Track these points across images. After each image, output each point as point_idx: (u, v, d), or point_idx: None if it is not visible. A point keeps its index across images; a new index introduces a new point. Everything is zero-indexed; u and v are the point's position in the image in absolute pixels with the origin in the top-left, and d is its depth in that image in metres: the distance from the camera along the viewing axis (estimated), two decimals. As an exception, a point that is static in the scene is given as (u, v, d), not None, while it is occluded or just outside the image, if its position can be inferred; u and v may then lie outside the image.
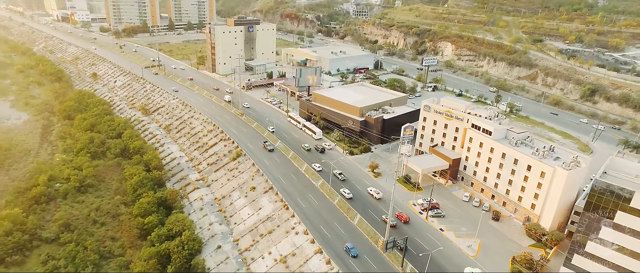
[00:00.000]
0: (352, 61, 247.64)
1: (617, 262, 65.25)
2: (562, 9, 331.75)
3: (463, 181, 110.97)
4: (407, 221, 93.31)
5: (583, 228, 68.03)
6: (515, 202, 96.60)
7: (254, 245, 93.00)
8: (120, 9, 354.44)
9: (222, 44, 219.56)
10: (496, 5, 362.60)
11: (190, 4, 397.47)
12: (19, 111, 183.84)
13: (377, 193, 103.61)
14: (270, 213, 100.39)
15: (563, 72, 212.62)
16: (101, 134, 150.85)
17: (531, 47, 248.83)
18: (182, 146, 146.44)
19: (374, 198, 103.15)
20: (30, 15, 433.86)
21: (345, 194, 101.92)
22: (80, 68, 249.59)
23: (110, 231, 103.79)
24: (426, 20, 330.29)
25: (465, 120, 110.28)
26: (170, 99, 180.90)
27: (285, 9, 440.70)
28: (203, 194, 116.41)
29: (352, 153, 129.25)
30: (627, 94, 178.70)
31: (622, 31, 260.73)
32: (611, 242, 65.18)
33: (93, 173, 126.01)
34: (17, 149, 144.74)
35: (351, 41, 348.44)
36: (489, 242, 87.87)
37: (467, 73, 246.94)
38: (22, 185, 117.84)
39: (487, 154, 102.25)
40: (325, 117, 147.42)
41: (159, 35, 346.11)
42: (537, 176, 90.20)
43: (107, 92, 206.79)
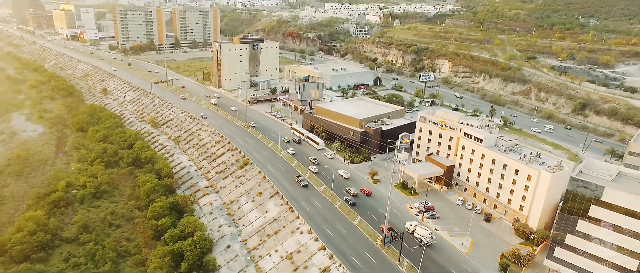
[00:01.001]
0: (352, 78, 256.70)
1: (593, 252, 72.03)
2: (555, 28, 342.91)
3: (457, 187, 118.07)
4: (369, 194, 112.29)
5: (562, 221, 75.03)
6: (505, 204, 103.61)
7: (261, 244, 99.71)
8: (128, 28, 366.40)
9: (228, 60, 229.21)
10: (492, 24, 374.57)
11: (195, 24, 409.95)
12: (33, 123, 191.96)
13: (345, 173, 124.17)
14: (276, 215, 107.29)
15: (555, 87, 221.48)
16: (114, 145, 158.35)
17: (525, 64, 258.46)
18: (191, 156, 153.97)
19: (343, 177, 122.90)
20: (40, 34, 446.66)
21: (312, 170, 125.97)
22: (90, 84, 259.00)
23: (125, 233, 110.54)
24: (424, 38, 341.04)
25: (458, 130, 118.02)
26: (178, 113, 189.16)
27: (287, 28, 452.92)
28: (212, 199, 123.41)
29: (353, 162, 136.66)
30: (616, 108, 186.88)
31: (612, 49, 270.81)
32: (587, 234, 72.08)
33: (107, 181, 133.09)
34: (34, 158, 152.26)
35: (351, 59, 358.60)
36: (480, 240, 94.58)
37: (463, 89, 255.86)
38: (41, 190, 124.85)
39: (479, 160, 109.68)
40: (327, 128, 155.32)
41: (165, 53, 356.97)
42: (524, 179, 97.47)
43: (117, 107, 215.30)
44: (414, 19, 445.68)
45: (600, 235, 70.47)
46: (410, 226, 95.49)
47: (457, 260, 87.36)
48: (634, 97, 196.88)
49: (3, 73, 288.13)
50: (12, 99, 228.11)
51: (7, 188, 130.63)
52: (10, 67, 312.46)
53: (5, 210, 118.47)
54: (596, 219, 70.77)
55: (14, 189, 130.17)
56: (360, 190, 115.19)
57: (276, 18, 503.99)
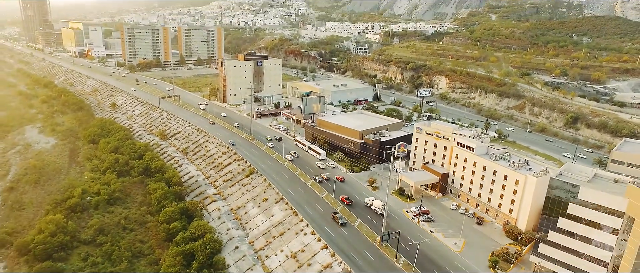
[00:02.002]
0: (352, 94, 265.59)
1: (572, 246, 78.83)
2: (550, 45, 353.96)
3: (451, 193, 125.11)
4: (343, 180, 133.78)
5: (545, 219, 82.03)
6: (495, 208, 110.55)
7: (267, 245, 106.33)
8: (136, 45, 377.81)
9: (233, 76, 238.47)
10: (488, 42, 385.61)
11: (199, 42, 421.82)
12: (46, 136, 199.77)
13: (321, 163, 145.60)
14: (281, 219, 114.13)
15: (548, 102, 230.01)
16: (125, 156, 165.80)
17: (519, 80, 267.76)
18: (199, 166, 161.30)
19: (319, 167, 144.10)
20: (49, 51, 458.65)
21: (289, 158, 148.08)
22: (99, 99, 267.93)
23: (138, 236, 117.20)
24: (422, 56, 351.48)
25: (451, 139, 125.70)
26: (186, 126, 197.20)
27: (289, 46, 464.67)
28: (220, 205, 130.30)
29: (353, 171, 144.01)
30: (605, 121, 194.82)
31: (604, 66, 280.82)
32: (567, 230, 79.01)
33: (120, 188, 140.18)
34: (49, 168, 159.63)
35: (352, 76, 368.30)
36: (473, 241, 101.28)
37: (460, 104, 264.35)
38: (58, 197, 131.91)
39: (471, 168, 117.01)
40: (328, 140, 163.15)
41: (170, 69, 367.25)
42: (513, 184, 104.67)
43: (126, 120, 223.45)
44: (412, 37, 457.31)
45: (578, 230, 77.35)
46: (369, 201, 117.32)
47: (450, 258, 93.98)
48: (623, 111, 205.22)
49: (15, 89, 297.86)
50: (25, 113, 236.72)
51: (25, 194, 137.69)
52: (21, 83, 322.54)
53: (26, 215, 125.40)
54: (575, 216, 77.77)
55: (32, 196, 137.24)
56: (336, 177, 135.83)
57: (278, 36, 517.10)
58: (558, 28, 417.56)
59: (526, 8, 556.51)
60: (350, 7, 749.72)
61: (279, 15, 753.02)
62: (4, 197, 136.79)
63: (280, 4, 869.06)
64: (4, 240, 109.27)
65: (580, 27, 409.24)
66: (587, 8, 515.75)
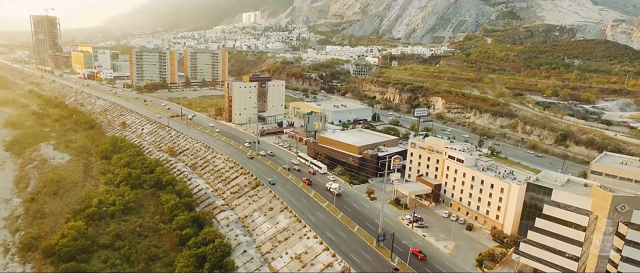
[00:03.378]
0: (352, 114, 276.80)
1: (548, 244, 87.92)
2: (542, 67, 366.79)
3: (443, 202, 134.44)
4: (315, 173, 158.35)
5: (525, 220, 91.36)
6: (483, 215, 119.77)
7: (273, 248, 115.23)
8: (143, 67, 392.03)
9: (239, 97, 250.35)
10: (483, 64, 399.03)
11: (204, 64, 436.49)
12: (61, 152, 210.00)
13: (296, 162, 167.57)
14: (286, 225, 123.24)
15: (539, 121, 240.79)
16: (137, 170, 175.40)
17: (512, 100, 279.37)
18: (207, 180, 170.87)
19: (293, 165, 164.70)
20: (59, 73, 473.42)
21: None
22: (109, 118, 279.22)
23: (153, 241, 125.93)
24: (419, 78, 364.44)
25: (443, 153, 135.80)
26: (193, 143, 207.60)
27: (291, 69, 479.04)
28: (228, 215, 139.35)
29: (353, 183, 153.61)
30: (592, 138, 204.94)
31: (593, 87, 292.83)
32: (543, 228, 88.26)
33: (133, 199, 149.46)
34: (65, 181, 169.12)
35: (351, 97, 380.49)
36: (462, 244, 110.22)
37: (455, 123, 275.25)
38: (77, 207, 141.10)
39: (461, 178, 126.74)
40: (329, 155, 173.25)
41: (176, 91, 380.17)
42: (498, 192, 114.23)
43: (136, 138, 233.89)
44: (410, 60, 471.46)
45: (553, 229, 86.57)
46: (328, 185, 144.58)
47: (440, 258, 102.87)
48: (609, 129, 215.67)
49: (28, 108, 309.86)
50: (40, 131, 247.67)
51: (46, 205, 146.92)
52: (33, 103, 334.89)
53: (47, 222, 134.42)
54: (550, 216, 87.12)
55: (51, 206, 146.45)
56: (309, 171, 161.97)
57: (280, 59, 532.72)
58: (551, 51, 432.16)
59: (521, 32, 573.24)
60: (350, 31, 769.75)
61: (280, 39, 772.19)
62: (26, 207, 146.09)
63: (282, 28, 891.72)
64: (30, 244, 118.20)
65: (572, 50, 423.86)
66: (579, 32, 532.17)
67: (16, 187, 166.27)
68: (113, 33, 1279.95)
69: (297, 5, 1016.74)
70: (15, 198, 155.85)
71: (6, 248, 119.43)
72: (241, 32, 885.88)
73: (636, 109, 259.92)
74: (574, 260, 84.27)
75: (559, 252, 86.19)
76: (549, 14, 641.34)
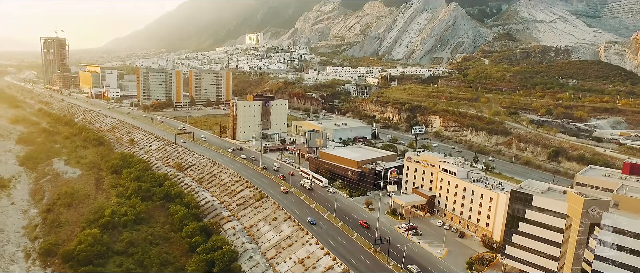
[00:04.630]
0: (352, 132, 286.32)
1: (531, 246, 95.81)
2: (537, 87, 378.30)
3: (437, 212, 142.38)
4: (293, 174, 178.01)
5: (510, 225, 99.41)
6: (475, 223, 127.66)
7: (278, 254, 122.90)
8: (150, 87, 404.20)
9: (243, 115, 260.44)
10: (480, 84, 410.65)
11: (209, 84, 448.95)
12: (72, 167, 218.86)
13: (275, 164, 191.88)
14: (290, 233, 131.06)
15: (533, 138, 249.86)
16: (146, 183, 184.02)
17: (507, 118, 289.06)
18: (214, 193, 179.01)
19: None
20: (67, 93, 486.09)
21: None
22: (117, 136, 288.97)
23: (164, 249, 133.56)
24: (418, 97, 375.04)
25: (437, 166, 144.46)
26: (200, 159, 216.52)
27: (293, 89, 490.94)
28: (235, 225, 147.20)
29: (352, 196, 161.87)
30: (583, 154, 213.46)
31: (586, 105, 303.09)
32: (526, 232, 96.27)
33: (144, 210, 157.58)
34: (78, 194, 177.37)
35: (352, 116, 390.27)
36: (454, 250, 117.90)
37: (452, 141, 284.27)
38: (91, 217, 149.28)
39: (454, 190, 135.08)
40: (330, 169, 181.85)
41: (182, 110, 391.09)
42: (488, 201, 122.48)
43: (144, 154, 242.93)
44: (409, 81, 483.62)
45: (535, 232, 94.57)
46: (303, 182, 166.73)
47: (433, 262, 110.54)
48: (599, 145, 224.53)
49: (39, 126, 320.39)
50: (51, 147, 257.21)
51: (61, 215, 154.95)
52: (43, 121, 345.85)
53: (64, 231, 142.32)
54: (531, 220, 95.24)
55: (67, 216, 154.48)
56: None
57: (282, 80, 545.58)
58: (546, 71, 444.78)
59: (517, 53, 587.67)
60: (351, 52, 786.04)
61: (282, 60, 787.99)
62: (43, 217, 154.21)
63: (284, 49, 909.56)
64: (49, 250, 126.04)
65: (566, 71, 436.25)
66: (574, 53, 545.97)
67: (32, 199, 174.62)
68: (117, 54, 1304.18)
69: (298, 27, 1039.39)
70: (32, 209, 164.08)
71: (27, 254, 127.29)
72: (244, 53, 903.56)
73: (627, 127, 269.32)
74: (553, 260, 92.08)
75: (540, 253, 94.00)
76: (544, 35, 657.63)
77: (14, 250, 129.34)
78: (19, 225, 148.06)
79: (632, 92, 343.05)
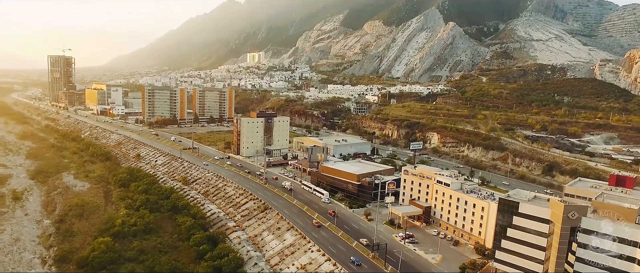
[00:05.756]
0: (352, 148, 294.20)
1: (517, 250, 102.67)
2: (533, 104, 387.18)
3: (433, 223, 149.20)
4: (276, 178, 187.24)
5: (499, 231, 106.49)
6: (468, 232, 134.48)
7: (281, 261, 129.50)
8: (154, 104, 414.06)
9: (246, 131, 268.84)
10: (478, 102, 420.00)
11: (212, 102, 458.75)
12: (81, 181, 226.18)
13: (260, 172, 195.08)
14: (293, 242, 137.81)
15: (528, 153, 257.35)
16: (154, 196, 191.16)
17: (503, 134, 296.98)
18: (219, 205, 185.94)
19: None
20: (73, 109, 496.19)
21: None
22: (124, 151, 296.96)
23: (173, 256, 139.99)
24: (416, 114, 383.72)
25: (433, 179, 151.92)
26: (205, 173, 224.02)
27: (294, 107, 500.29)
28: (240, 234, 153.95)
29: (352, 207, 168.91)
30: (576, 168, 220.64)
31: (580, 122, 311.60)
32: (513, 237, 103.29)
33: (153, 221, 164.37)
34: (89, 206, 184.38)
35: (352, 133, 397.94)
36: (448, 256, 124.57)
37: (450, 157, 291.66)
38: (102, 227, 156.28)
39: (448, 200, 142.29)
40: (330, 183, 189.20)
41: (185, 127, 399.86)
42: (480, 210, 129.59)
43: (150, 169, 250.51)
44: (408, 98, 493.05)
45: (521, 237, 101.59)
46: (284, 183, 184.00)
47: (428, 267, 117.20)
48: (591, 160, 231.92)
49: (46, 142, 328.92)
50: (59, 162, 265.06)
51: (74, 225, 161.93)
52: (50, 137, 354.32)
53: (77, 240, 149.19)
54: (518, 226, 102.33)
55: (79, 226, 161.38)
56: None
57: (284, 97, 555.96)
58: (542, 89, 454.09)
59: (514, 71, 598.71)
60: (351, 70, 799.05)
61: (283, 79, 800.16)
62: (56, 227, 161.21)
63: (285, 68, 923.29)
64: (64, 257, 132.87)
65: (562, 88, 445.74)
66: (569, 71, 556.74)
67: (44, 210, 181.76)
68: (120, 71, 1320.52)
69: (299, 46, 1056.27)
70: (45, 219, 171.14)
71: (44, 260, 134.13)
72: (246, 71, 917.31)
73: (619, 143, 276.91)
74: (539, 262, 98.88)
75: (527, 256, 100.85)
76: (541, 54, 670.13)
77: (31, 257, 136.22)
78: (34, 234, 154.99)
79: (625, 109, 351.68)
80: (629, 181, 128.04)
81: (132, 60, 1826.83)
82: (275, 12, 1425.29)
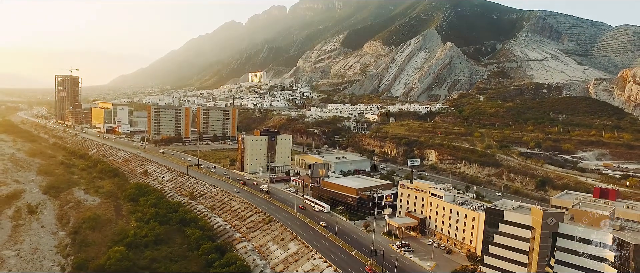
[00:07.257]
0: (352, 165, 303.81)
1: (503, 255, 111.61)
2: (529, 122, 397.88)
3: (428, 233, 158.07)
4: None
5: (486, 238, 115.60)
6: (461, 241, 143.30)
7: (285, 268, 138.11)
8: (160, 123, 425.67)
9: (250, 149, 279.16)
10: (475, 120, 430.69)
11: (216, 120, 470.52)
12: (92, 196, 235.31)
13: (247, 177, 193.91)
14: (296, 251, 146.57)
15: (522, 169, 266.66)
16: (163, 209, 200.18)
17: (498, 151, 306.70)
18: (226, 218, 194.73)
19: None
20: (80, 128, 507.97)
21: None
22: (131, 168, 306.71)
23: (183, 265, 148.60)
24: (415, 133, 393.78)
25: (427, 192, 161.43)
26: (211, 188, 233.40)
27: (295, 125, 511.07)
28: (246, 245, 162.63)
29: (352, 220, 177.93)
30: (567, 183, 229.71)
31: (573, 139, 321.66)
32: (499, 243, 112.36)
33: (163, 233, 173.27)
34: (101, 218, 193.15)
35: (352, 151, 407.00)
36: (442, 263, 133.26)
37: (447, 173, 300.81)
38: (115, 238, 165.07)
39: (442, 212, 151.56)
40: (331, 197, 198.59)
41: (190, 144, 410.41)
42: (471, 220, 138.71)
43: (157, 185, 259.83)
44: (407, 117, 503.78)
45: (506, 242, 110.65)
46: (263, 187, 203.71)
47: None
48: (583, 175, 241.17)
49: (55, 159, 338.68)
50: (69, 178, 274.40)
51: (88, 236, 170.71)
52: (59, 154, 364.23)
53: (92, 250, 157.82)
54: (503, 232, 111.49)
55: (93, 237, 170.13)
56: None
57: (286, 116, 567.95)
58: (537, 107, 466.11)
59: (511, 90, 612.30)
60: (351, 90, 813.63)
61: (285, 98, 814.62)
62: (72, 238, 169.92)
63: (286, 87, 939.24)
64: (82, 265, 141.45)
65: (557, 106, 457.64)
66: (565, 90, 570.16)
67: (59, 223, 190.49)
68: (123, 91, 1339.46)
69: (300, 66, 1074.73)
70: (61, 231, 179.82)
71: (62, 268, 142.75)
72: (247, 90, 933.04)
73: (610, 159, 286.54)
74: (523, 266, 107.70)
75: (512, 260, 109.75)
76: (537, 73, 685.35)
77: (50, 265, 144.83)
78: (51, 245, 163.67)
79: (617, 126, 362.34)
80: (611, 193, 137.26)
81: (135, 79, 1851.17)
82: (276, 33, 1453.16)
